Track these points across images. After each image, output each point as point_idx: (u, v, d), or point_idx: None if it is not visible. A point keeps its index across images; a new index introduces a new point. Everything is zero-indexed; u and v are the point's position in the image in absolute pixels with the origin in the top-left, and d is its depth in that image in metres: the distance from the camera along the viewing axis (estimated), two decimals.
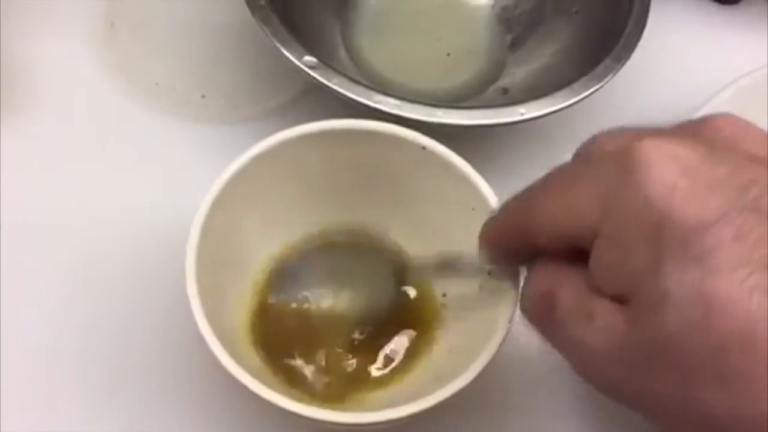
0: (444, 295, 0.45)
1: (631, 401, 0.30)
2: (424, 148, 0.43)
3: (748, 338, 0.25)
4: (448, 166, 0.43)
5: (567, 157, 0.55)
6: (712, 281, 0.26)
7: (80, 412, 0.45)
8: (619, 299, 0.29)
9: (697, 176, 0.27)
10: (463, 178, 0.43)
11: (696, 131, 0.30)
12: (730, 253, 0.26)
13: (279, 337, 0.44)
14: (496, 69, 0.58)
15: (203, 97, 0.56)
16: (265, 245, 0.45)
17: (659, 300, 0.27)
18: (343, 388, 0.42)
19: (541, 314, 0.33)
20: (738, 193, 0.27)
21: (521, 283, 0.37)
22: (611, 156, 0.30)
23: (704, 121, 0.31)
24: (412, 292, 0.45)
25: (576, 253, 0.31)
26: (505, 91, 0.56)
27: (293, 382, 0.42)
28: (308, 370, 0.43)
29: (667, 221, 0.27)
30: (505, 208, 0.36)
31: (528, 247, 0.34)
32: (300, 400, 0.36)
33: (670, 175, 0.28)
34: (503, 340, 0.38)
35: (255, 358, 0.43)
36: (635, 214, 0.28)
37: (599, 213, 0.29)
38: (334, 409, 0.37)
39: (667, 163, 0.28)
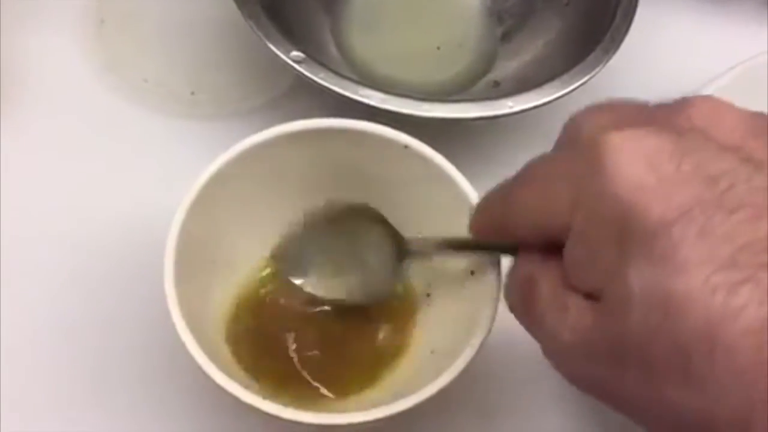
0: (428, 295, 0.44)
1: (604, 399, 0.30)
2: (406, 146, 0.43)
3: (710, 339, 0.25)
4: (430, 165, 0.43)
5: None
6: (674, 280, 0.25)
7: (63, 410, 0.45)
8: (591, 296, 0.29)
9: (663, 172, 0.27)
10: (446, 177, 0.42)
11: (669, 117, 0.29)
12: (692, 251, 0.25)
13: (263, 337, 0.44)
14: (487, 62, 0.58)
15: (193, 93, 0.56)
16: (249, 245, 0.45)
17: (624, 300, 0.27)
18: (326, 389, 0.42)
19: (522, 305, 0.32)
20: (705, 188, 0.26)
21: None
22: (581, 148, 0.29)
23: (679, 105, 0.30)
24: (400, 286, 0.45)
25: (556, 246, 0.30)
26: (496, 83, 0.56)
27: (276, 383, 0.42)
28: (290, 372, 0.43)
29: (631, 219, 0.27)
30: (484, 202, 0.36)
31: (510, 239, 0.33)
32: (280, 402, 0.36)
33: (635, 171, 0.27)
34: (484, 341, 0.38)
35: (238, 359, 0.43)
36: (602, 212, 0.28)
37: (570, 208, 0.29)
38: (314, 410, 0.37)
39: (633, 159, 0.27)
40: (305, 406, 0.40)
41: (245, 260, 0.45)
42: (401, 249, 0.43)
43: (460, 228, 0.42)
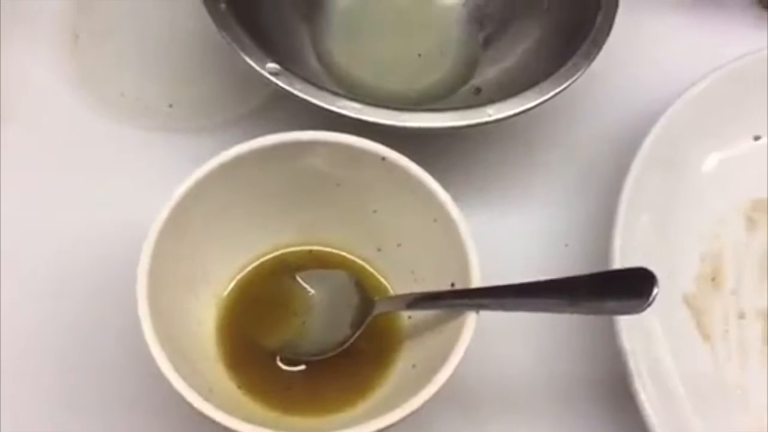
0: (409, 317, 0.44)
1: None
2: (384, 158, 0.42)
3: None
4: (408, 177, 0.42)
5: (542, 156, 0.55)
6: None
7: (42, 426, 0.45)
8: None
9: None
10: (425, 189, 0.42)
11: None
12: None
13: (247, 353, 0.43)
14: (469, 68, 0.57)
15: (170, 106, 0.55)
16: (227, 262, 0.45)
17: None
18: (311, 405, 0.42)
19: None
20: None
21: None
22: None
23: None
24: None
25: None
26: (478, 90, 0.55)
27: (262, 398, 0.42)
28: (277, 387, 0.43)
29: None
30: None
31: None
32: (264, 420, 0.36)
33: None
34: (464, 355, 0.37)
35: (221, 376, 0.42)
36: None
37: None
38: (299, 429, 0.36)
39: None
40: (292, 423, 0.40)
41: (223, 275, 0.45)
42: (368, 308, 0.43)
43: (440, 240, 0.42)
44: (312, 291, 0.44)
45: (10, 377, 0.46)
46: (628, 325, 0.44)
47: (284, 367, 0.43)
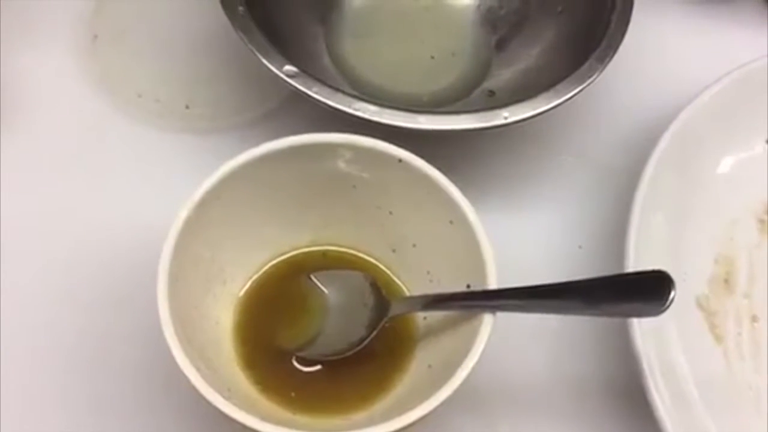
0: (425, 317, 0.45)
1: None
2: (400, 160, 0.43)
3: None
4: (425, 179, 0.42)
5: (556, 158, 0.55)
6: None
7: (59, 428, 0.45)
8: None
9: None
10: (441, 191, 0.42)
11: None
12: None
13: (262, 353, 0.44)
14: (482, 71, 0.57)
15: (187, 107, 0.56)
16: (243, 262, 0.45)
17: None
18: (326, 405, 0.42)
19: None
20: None
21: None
22: None
23: None
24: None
25: None
26: (491, 93, 0.56)
27: (278, 398, 0.42)
28: (291, 387, 0.43)
29: None
30: None
31: None
32: (280, 419, 0.36)
33: None
34: (479, 357, 0.38)
35: (238, 376, 0.43)
36: None
37: None
38: (314, 429, 0.36)
39: None
40: (307, 423, 0.41)
41: (239, 275, 0.45)
42: (383, 309, 0.43)
43: (456, 242, 0.42)
44: (327, 291, 0.45)
45: (25, 379, 0.46)
46: (641, 327, 0.44)
47: (300, 368, 0.44)
